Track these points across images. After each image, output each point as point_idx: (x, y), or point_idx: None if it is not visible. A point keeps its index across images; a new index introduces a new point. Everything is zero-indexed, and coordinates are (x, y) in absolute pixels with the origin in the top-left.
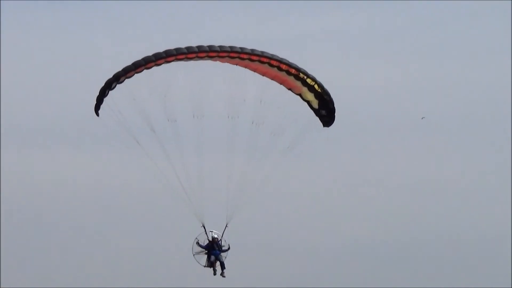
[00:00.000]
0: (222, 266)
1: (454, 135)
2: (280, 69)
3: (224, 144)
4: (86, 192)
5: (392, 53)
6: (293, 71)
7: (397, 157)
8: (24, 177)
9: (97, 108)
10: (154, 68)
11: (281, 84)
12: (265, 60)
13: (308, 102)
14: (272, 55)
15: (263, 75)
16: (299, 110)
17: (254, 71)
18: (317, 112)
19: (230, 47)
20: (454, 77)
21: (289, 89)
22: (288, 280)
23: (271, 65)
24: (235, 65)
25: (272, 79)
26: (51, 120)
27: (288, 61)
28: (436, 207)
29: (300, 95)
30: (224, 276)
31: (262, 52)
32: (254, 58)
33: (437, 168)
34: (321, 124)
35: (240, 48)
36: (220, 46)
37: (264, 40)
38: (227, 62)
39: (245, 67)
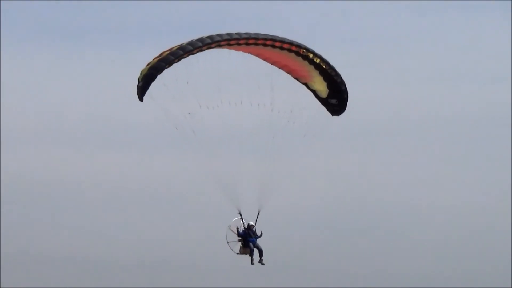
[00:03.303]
0: (261, 253)
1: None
2: (290, 50)
3: (247, 133)
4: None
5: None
6: (301, 51)
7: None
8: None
9: (142, 93)
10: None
11: (288, 72)
12: (277, 44)
13: (315, 92)
14: (276, 37)
15: (272, 63)
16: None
17: (263, 57)
18: (324, 101)
19: (238, 33)
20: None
21: (296, 78)
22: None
23: (280, 48)
24: (246, 53)
25: (279, 63)
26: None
27: (295, 41)
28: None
29: (306, 84)
30: (263, 264)
31: (273, 36)
32: (266, 42)
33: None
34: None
35: (246, 33)
36: (229, 34)
37: None
38: (238, 49)
39: (256, 53)
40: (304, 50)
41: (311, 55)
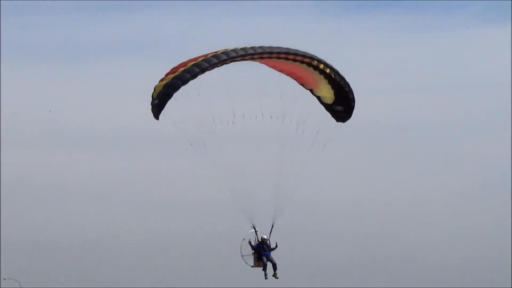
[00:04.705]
0: (274, 267)
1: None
2: (302, 62)
3: (259, 143)
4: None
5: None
6: (314, 62)
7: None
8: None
9: (159, 112)
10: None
11: (295, 79)
12: (290, 57)
13: (319, 98)
14: (289, 49)
15: (279, 70)
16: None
17: (271, 65)
18: (329, 107)
19: (253, 48)
20: None
21: (302, 84)
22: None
23: (293, 60)
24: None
25: (286, 71)
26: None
27: (308, 53)
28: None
29: (311, 90)
30: (277, 277)
31: (286, 49)
32: (280, 56)
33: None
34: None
35: (261, 47)
36: (244, 49)
37: None
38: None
39: (263, 62)
40: (316, 61)
41: (322, 66)
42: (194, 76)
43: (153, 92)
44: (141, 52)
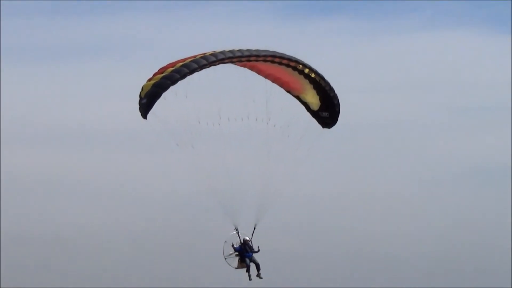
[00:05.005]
0: (258, 267)
1: None
2: (287, 66)
3: (244, 146)
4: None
5: None
6: (300, 66)
7: None
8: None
9: (147, 111)
10: None
11: (281, 85)
12: (276, 60)
13: (306, 104)
14: (275, 52)
15: (266, 76)
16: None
17: (257, 69)
18: (316, 113)
19: (240, 50)
20: None
21: (288, 91)
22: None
23: (278, 63)
24: (240, 67)
25: (272, 76)
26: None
27: (294, 57)
28: None
29: (298, 97)
30: (261, 277)
31: (272, 52)
32: (267, 59)
33: None
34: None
35: (248, 50)
36: (231, 51)
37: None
38: (235, 64)
39: (250, 66)
40: (301, 65)
41: (307, 70)
42: (183, 76)
43: (140, 92)
44: (128, 52)
